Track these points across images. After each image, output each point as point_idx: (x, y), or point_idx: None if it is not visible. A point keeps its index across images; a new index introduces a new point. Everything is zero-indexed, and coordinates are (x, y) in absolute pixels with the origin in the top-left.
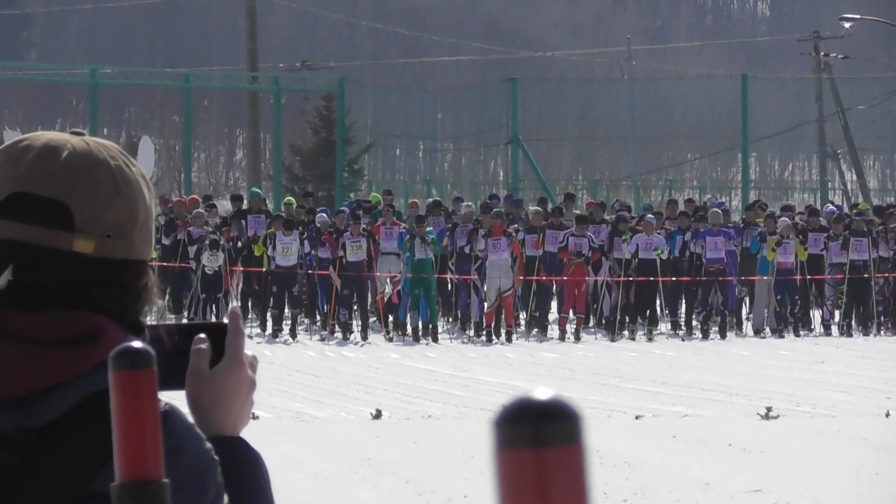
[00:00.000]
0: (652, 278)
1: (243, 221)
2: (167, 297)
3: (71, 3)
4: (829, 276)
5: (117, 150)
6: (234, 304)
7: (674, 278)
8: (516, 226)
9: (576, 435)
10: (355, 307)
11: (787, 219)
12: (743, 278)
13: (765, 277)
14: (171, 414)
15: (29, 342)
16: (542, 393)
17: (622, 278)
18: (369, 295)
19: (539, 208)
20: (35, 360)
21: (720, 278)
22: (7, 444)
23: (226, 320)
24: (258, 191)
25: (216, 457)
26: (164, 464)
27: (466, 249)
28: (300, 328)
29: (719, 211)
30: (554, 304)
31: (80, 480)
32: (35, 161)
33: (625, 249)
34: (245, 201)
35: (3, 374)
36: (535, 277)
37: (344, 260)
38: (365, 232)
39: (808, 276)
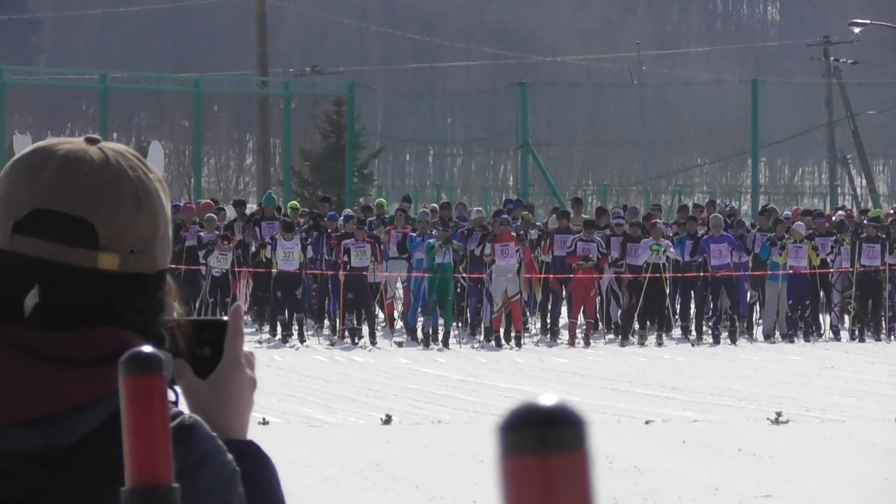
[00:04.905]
0: (658, 275)
1: (257, 228)
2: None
3: (81, 8)
4: (836, 280)
5: (134, 158)
6: (238, 302)
7: (681, 276)
8: (535, 230)
9: (581, 441)
10: (362, 312)
11: (801, 223)
12: (748, 273)
13: (776, 282)
14: (195, 427)
15: (59, 362)
16: (547, 399)
17: (629, 275)
18: (375, 300)
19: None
20: (66, 380)
21: (725, 274)
22: (35, 460)
23: (226, 318)
24: (274, 197)
25: (237, 467)
26: (190, 476)
27: (477, 252)
28: (308, 333)
29: (720, 216)
30: (564, 310)
31: (103, 496)
32: (56, 176)
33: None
34: (250, 206)
35: (33, 394)
36: (542, 275)
37: (348, 265)
38: (370, 238)
39: (817, 280)
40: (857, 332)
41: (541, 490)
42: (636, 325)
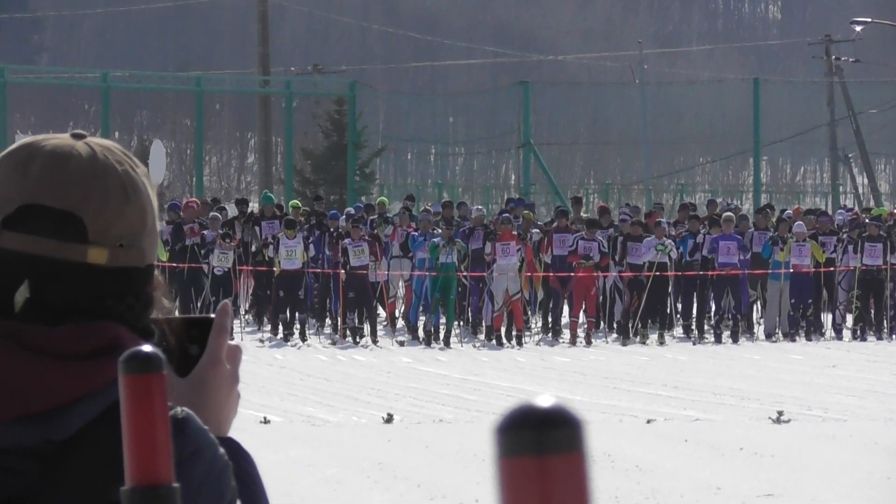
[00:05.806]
0: (660, 273)
1: (257, 227)
2: (176, 299)
3: (83, 7)
4: (841, 279)
5: (121, 152)
6: (226, 300)
7: (683, 274)
8: (537, 230)
9: (578, 442)
10: (364, 311)
11: (802, 223)
12: (749, 273)
13: (777, 281)
14: (188, 420)
15: (53, 356)
16: (544, 400)
17: (630, 274)
18: (376, 299)
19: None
20: (62, 374)
21: (730, 273)
22: (32, 455)
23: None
24: (271, 196)
25: (229, 461)
26: (183, 469)
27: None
28: (310, 332)
29: (731, 214)
30: (565, 309)
31: (102, 490)
32: (43, 171)
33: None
34: (252, 206)
35: (30, 390)
36: (543, 274)
37: (347, 265)
38: (369, 236)
39: (821, 279)
40: (858, 331)
41: (538, 491)
42: (638, 324)
